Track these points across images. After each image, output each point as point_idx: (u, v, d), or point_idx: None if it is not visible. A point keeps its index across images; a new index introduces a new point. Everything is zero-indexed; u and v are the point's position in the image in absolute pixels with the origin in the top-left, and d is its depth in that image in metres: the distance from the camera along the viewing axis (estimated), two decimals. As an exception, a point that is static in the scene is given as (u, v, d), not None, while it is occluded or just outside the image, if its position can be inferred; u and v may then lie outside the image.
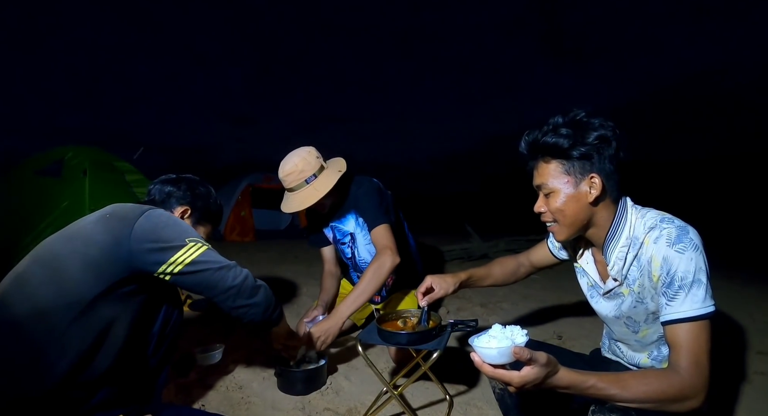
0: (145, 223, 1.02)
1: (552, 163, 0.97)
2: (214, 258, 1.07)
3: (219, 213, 1.41)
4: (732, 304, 2.83)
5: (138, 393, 1.11)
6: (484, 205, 18.09)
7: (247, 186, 6.62)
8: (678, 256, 0.88)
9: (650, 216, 0.97)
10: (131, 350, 1.05)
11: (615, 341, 1.17)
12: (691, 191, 13.59)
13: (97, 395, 0.97)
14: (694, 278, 0.87)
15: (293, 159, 1.72)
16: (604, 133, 0.92)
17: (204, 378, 1.68)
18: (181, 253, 1.01)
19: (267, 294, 1.16)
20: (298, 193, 1.72)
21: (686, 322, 0.85)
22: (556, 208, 0.98)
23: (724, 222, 8.80)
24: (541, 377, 0.73)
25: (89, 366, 0.95)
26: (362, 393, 1.61)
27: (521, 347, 0.72)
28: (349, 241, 1.96)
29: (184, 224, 1.11)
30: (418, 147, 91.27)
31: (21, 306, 0.94)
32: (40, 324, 0.92)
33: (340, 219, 1.92)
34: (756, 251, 5.26)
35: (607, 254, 1.02)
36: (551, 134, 0.95)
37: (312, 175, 1.70)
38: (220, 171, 15.04)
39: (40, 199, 2.95)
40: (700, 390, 0.81)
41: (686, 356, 0.83)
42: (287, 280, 3.58)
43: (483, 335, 0.79)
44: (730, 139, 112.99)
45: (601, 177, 0.94)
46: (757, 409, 1.51)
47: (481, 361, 0.75)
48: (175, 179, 1.33)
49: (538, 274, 3.93)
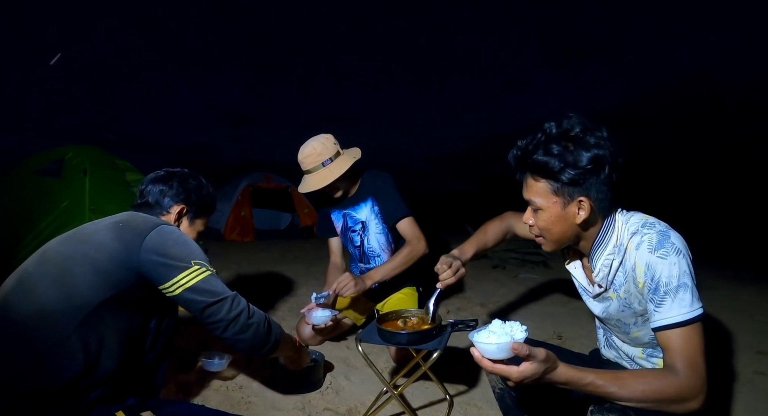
0: (156, 237, 1.04)
1: (541, 182, 0.93)
2: (213, 287, 1.06)
3: (213, 203, 1.40)
4: (732, 304, 2.84)
5: (136, 390, 1.11)
6: (484, 205, 18.07)
7: (247, 186, 6.62)
8: (661, 262, 0.87)
9: (633, 221, 0.95)
10: (132, 349, 1.06)
11: (610, 334, 1.17)
12: (691, 191, 13.58)
13: (94, 392, 0.97)
14: (679, 282, 0.85)
15: (312, 143, 1.81)
16: (597, 153, 0.87)
17: (204, 378, 1.68)
18: (183, 275, 1.02)
19: (258, 331, 1.11)
20: (314, 175, 1.80)
21: (677, 327, 0.85)
22: (542, 226, 0.97)
23: (723, 222, 8.80)
24: (540, 372, 0.75)
25: (95, 371, 0.95)
26: (362, 393, 1.61)
27: (520, 343, 0.73)
28: (359, 229, 1.99)
29: (192, 244, 1.11)
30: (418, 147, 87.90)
31: (26, 306, 0.94)
32: (44, 326, 0.92)
33: (354, 206, 1.98)
34: (756, 251, 5.26)
35: (592, 262, 1.02)
36: (542, 151, 0.91)
37: (329, 158, 1.79)
38: (220, 171, 15.12)
39: (40, 199, 2.95)
40: (699, 392, 0.81)
41: (681, 359, 0.82)
42: (287, 280, 3.58)
43: (483, 330, 0.80)
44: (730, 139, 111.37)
45: (590, 199, 0.91)
46: (757, 409, 1.51)
47: (481, 356, 0.76)
48: (166, 176, 1.29)
49: (538, 274, 3.94)
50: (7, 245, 2.72)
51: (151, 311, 1.11)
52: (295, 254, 5.06)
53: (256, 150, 45.94)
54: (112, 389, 1.00)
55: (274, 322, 1.21)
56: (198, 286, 1.03)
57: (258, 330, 1.12)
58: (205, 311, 1.04)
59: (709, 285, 3.40)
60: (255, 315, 1.13)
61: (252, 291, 3.17)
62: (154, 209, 1.24)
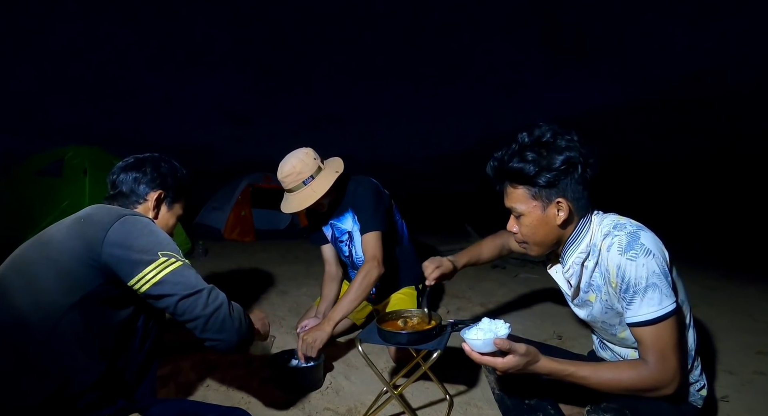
0: (120, 229, 0.96)
1: (519, 189, 1.00)
2: (185, 279, 0.96)
3: (190, 185, 1.31)
4: (732, 304, 2.84)
5: (128, 391, 1.08)
6: (484, 204, 18.08)
7: (247, 186, 6.62)
8: (630, 263, 0.90)
9: (606, 222, 1.00)
10: (119, 350, 1.02)
11: (602, 339, 1.20)
12: (691, 191, 13.57)
13: (84, 398, 0.93)
14: (647, 283, 0.89)
15: (291, 161, 1.74)
16: (569, 155, 0.93)
17: (204, 377, 1.68)
18: (149, 269, 0.93)
19: (242, 326, 1.02)
20: (297, 194, 1.75)
21: (647, 325, 0.90)
22: (525, 232, 1.03)
23: (723, 222, 8.80)
24: (521, 364, 0.87)
25: (77, 377, 0.91)
26: (362, 393, 1.61)
27: (502, 339, 0.86)
28: (347, 239, 1.98)
29: (161, 234, 1.02)
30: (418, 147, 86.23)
31: (2, 317, 0.90)
32: (23, 335, 0.88)
33: (338, 217, 1.95)
34: (756, 251, 5.26)
35: (564, 259, 1.06)
36: (516, 159, 0.97)
37: (309, 176, 1.73)
38: (220, 171, 14.95)
39: (40, 199, 2.95)
40: (671, 381, 0.88)
41: (652, 353, 0.89)
42: (287, 280, 3.58)
43: (473, 327, 0.95)
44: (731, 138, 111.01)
45: (567, 200, 0.96)
46: (757, 409, 1.51)
47: (470, 349, 0.89)
48: (136, 163, 1.20)
49: (538, 274, 3.94)
50: (7, 245, 2.72)
51: (136, 309, 1.04)
52: (295, 254, 5.07)
53: (256, 150, 46.13)
54: (102, 392, 0.97)
55: (244, 310, 1.10)
56: (167, 279, 0.94)
57: (241, 325, 1.03)
58: (177, 306, 0.94)
59: (709, 285, 3.40)
60: (235, 309, 1.04)
61: (252, 291, 3.18)
62: (129, 198, 1.16)
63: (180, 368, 1.75)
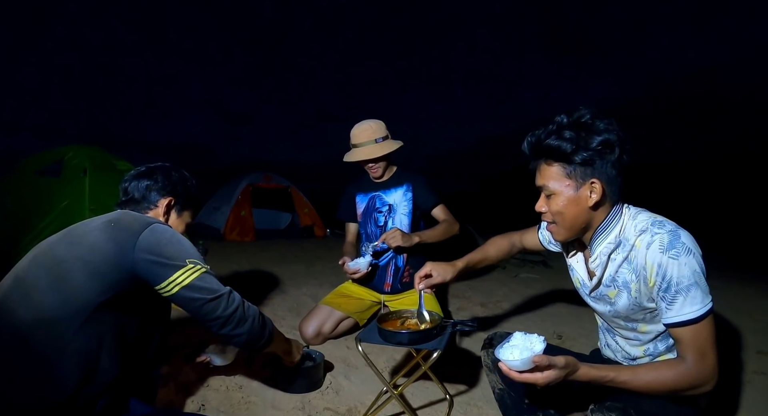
0: (150, 236, 1.03)
1: (554, 166, 0.98)
2: (209, 284, 1.06)
3: (198, 195, 1.40)
4: (732, 304, 2.84)
5: (135, 394, 1.11)
6: (484, 204, 18.09)
7: (247, 186, 6.62)
8: (672, 262, 0.90)
9: (641, 218, 0.98)
10: (129, 353, 1.05)
11: (613, 335, 1.18)
12: (691, 191, 13.58)
13: (100, 401, 0.96)
14: (689, 282, 0.90)
15: (368, 122, 2.02)
16: (608, 137, 0.92)
17: (204, 377, 1.68)
18: (179, 274, 1.02)
19: (254, 325, 1.15)
20: (365, 148, 1.97)
21: (688, 325, 0.90)
22: (555, 210, 1.00)
23: (723, 222, 8.80)
24: (561, 376, 0.84)
25: (96, 377, 0.94)
26: (362, 393, 1.61)
27: (540, 355, 0.82)
28: (386, 211, 2.14)
29: (186, 242, 1.10)
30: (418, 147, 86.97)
31: (26, 313, 0.92)
32: (47, 334, 0.90)
33: (385, 190, 2.14)
34: (756, 251, 5.26)
35: (593, 247, 1.04)
36: (554, 136, 0.95)
37: (381, 137, 2.00)
38: (220, 171, 15.03)
39: (40, 199, 2.95)
40: (710, 378, 0.89)
41: (692, 351, 0.89)
42: (287, 280, 3.58)
43: (506, 344, 0.89)
44: (732, 138, 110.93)
45: (602, 182, 0.95)
46: (757, 409, 1.51)
47: (509, 369, 0.85)
48: (148, 171, 1.28)
49: (538, 274, 3.94)
50: (7, 245, 2.72)
51: (145, 314, 1.09)
52: (295, 254, 5.06)
53: (256, 150, 46.19)
54: (114, 396, 0.99)
55: (266, 317, 1.23)
56: (194, 284, 1.03)
57: (253, 324, 1.14)
58: (202, 308, 1.05)
59: (709, 284, 3.40)
60: (250, 309, 1.15)
61: (252, 291, 3.17)
62: (141, 204, 1.23)
63: (180, 368, 1.75)
